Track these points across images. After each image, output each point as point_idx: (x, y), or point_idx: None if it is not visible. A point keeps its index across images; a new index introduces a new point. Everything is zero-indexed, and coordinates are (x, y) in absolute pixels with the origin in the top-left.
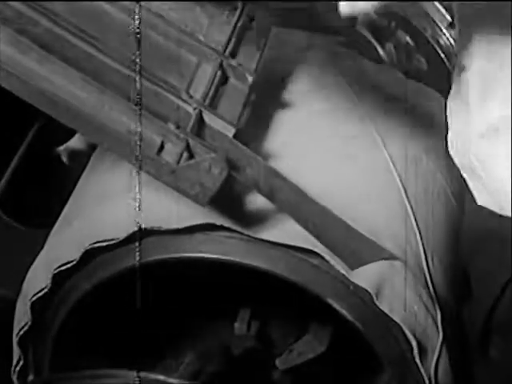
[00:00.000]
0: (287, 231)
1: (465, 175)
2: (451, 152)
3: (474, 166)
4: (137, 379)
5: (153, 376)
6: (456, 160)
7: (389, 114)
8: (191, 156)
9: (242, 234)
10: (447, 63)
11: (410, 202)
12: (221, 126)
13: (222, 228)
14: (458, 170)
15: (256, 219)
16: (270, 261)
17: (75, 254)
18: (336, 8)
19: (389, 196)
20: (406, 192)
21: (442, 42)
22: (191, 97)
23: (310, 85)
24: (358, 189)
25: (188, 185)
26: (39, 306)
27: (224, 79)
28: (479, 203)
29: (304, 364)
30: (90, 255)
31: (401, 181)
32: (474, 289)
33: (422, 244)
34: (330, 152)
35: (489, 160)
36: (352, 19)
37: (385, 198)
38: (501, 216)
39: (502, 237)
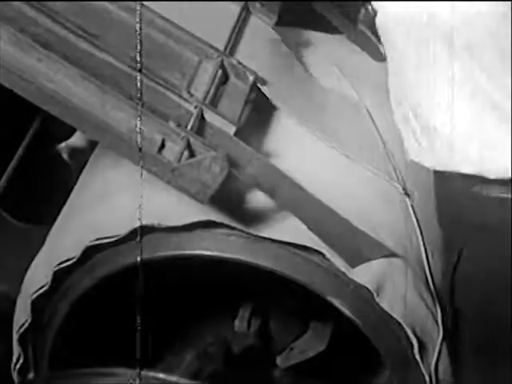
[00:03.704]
0: (287, 229)
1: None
2: (392, 102)
3: (408, 115)
4: (137, 377)
5: (153, 374)
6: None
7: (390, 111)
8: (192, 154)
9: (242, 231)
10: None
11: (410, 199)
12: (222, 124)
13: (222, 225)
14: None
15: (256, 217)
16: (270, 258)
17: (75, 251)
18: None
19: (389, 193)
20: (405, 188)
21: None
22: (192, 95)
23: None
24: (359, 186)
25: (188, 183)
26: (39, 304)
27: (225, 78)
28: (410, 157)
29: (304, 362)
30: (91, 252)
31: (401, 177)
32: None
33: (423, 240)
34: (330, 150)
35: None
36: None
37: (385, 195)
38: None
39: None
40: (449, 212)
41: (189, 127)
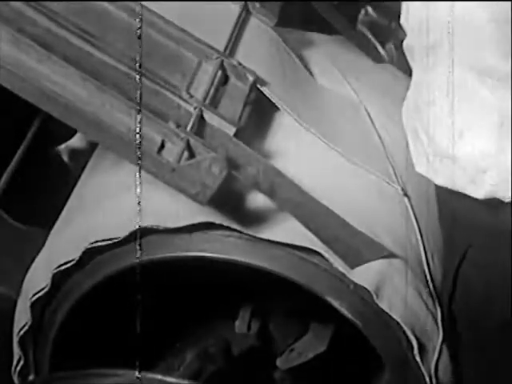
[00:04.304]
0: (287, 230)
1: (409, 138)
2: (403, 114)
3: (417, 128)
4: (137, 378)
5: (151, 375)
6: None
7: (390, 113)
8: (192, 155)
9: (241, 232)
10: None
11: (410, 201)
12: (221, 124)
13: (221, 227)
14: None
15: (256, 218)
16: (269, 259)
17: (75, 253)
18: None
19: (388, 194)
20: (405, 190)
21: None
22: (192, 96)
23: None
24: (358, 187)
25: (188, 184)
26: (39, 306)
27: (225, 79)
28: (417, 170)
29: (304, 363)
30: (90, 254)
31: (400, 178)
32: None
33: (422, 242)
34: (330, 152)
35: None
36: (353, 19)
37: (384, 196)
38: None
39: (493, 231)
40: (450, 213)
41: (188, 128)
